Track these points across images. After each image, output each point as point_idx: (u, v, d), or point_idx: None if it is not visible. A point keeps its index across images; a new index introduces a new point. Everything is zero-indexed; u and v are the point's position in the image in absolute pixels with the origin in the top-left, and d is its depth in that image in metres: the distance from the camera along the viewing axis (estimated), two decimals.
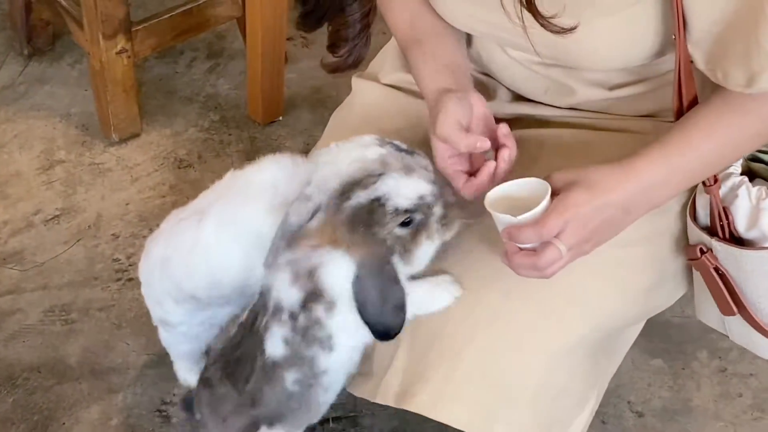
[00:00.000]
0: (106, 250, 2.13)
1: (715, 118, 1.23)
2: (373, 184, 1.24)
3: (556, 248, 1.20)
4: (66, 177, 2.30)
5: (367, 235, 1.24)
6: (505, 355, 1.30)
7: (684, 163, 1.24)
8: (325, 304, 1.28)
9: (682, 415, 1.74)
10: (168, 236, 1.55)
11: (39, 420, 1.82)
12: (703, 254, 1.34)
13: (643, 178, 1.22)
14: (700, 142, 1.23)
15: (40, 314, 2.01)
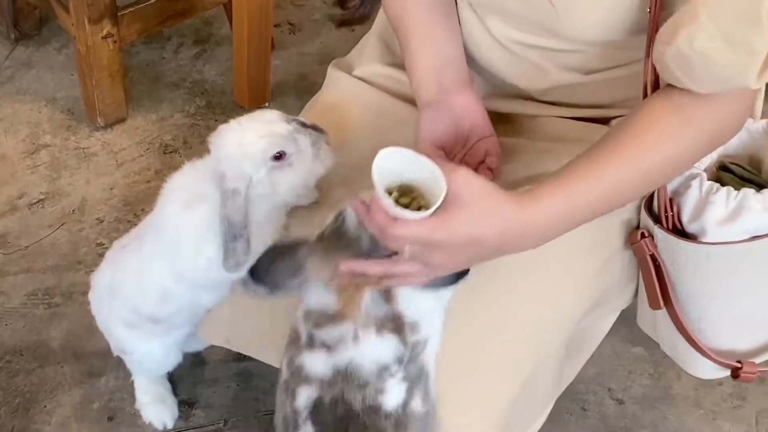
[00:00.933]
0: (91, 234, 2.13)
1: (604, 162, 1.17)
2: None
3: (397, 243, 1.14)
4: (51, 161, 2.30)
5: None
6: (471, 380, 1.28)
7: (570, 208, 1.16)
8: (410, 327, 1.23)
9: (662, 402, 1.75)
10: (113, 264, 1.59)
11: (20, 403, 1.82)
12: (643, 239, 1.34)
13: (528, 222, 1.14)
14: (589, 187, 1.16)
15: (23, 297, 2.00)
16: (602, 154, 1.17)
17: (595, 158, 1.17)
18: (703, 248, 1.30)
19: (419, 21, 1.41)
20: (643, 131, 1.17)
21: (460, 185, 1.10)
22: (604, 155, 1.17)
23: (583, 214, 1.17)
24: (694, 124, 1.17)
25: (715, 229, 1.29)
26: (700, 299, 1.36)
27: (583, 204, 1.16)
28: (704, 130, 1.18)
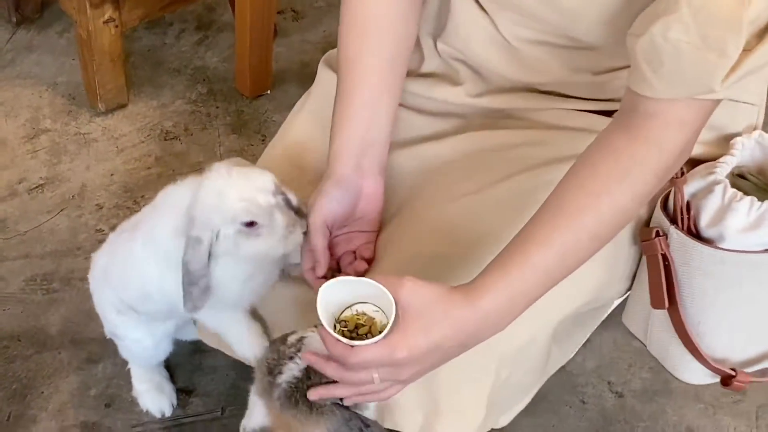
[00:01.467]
0: (90, 220, 2.12)
1: (551, 226, 1.16)
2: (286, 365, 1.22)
3: (369, 374, 1.14)
4: (51, 146, 2.29)
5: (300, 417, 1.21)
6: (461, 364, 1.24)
7: (525, 285, 1.15)
8: None
9: (662, 396, 1.74)
10: (110, 247, 1.58)
11: (17, 388, 1.81)
12: (657, 237, 1.34)
13: (486, 311, 1.13)
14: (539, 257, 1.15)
15: (22, 283, 2.00)
16: (544, 217, 1.16)
17: (537, 229, 1.16)
18: (719, 254, 1.30)
19: (366, 83, 1.37)
20: (590, 181, 1.15)
21: (409, 297, 1.10)
22: (546, 217, 1.16)
23: (538, 289, 1.16)
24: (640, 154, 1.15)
25: (734, 237, 1.30)
26: (704, 303, 1.36)
27: (533, 281, 1.15)
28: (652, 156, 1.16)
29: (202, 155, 2.27)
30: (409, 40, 1.41)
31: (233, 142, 2.31)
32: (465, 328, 1.12)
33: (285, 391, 1.22)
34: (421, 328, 1.10)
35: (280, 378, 1.22)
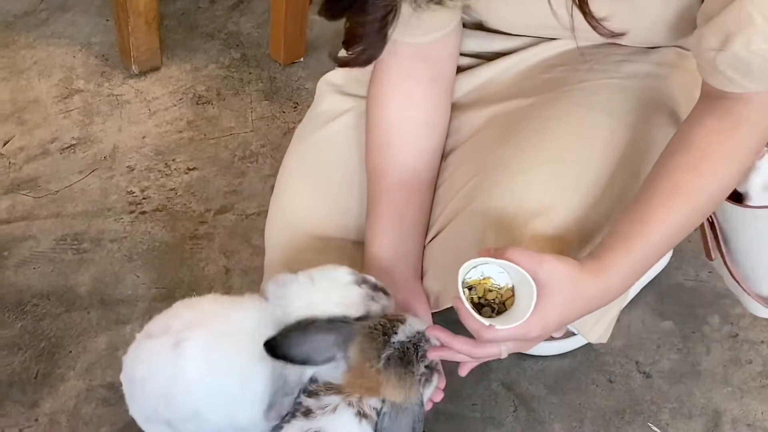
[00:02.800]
0: (121, 182, 2.12)
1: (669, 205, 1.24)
2: (399, 326, 1.28)
3: (498, 349, 1.23)
4: (84, 107, 2.29)
5: (405, 377, 1.27)
6: None
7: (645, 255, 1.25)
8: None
9: (689, 378, 1.73)
10: (141, 355, 1.40)
11: (46, 347, 1.82)
12: None
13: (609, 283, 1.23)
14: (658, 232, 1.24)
15: (52, 242, 2.00)
16: (660, 198, 1.24)
17: (654, 205, 1.24)
18: (749, 210, 1.36)
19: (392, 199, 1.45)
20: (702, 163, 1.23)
21: (547, 275, 1.18)
22: (662, 199, 1.24)
23: (654, 260, 1.27)
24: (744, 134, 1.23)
25: (759, 194, 1.35)
26: (750, 253, 1.44)
27: (652, 255, 1.26)
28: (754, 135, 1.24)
29: (233, 120, 2.27)
30: (435, 145, 1.47)
31: (265, 109, 2.30)
32: (591, 302, 1.23)
33: (397, 350, 1.27)
34: (556, 307, 1.19)
35: (395, 338, 1.27)
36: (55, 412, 1.71)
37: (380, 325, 1.28)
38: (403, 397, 1.27)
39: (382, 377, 1.27)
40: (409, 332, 1.28)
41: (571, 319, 1.25)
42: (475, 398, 1.70)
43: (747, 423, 1.65)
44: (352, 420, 1.27)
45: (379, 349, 1.27)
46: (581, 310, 1.24)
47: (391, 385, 1.27)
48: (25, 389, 1.75)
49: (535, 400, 1.70)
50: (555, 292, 1.19)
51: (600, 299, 1.24)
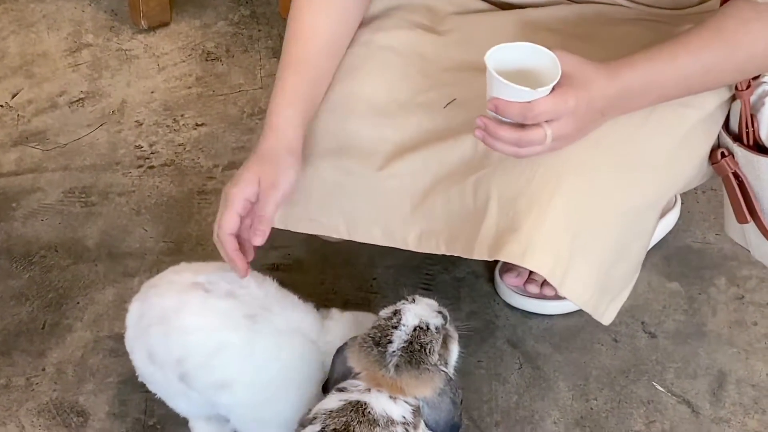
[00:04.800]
0: (129, 136, 2.12)
1: (704, 43, 1.28)
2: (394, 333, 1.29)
3: (543, 132, 1.24)
4: (93, 61, 2.29)
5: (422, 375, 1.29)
6: (588, 208, 1.35)
7: (664, 79, 1.28)
8: None
9: (694, 338, 1.73)
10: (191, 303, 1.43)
11: (53, 298, 1.83)
12: (724, 158, 1.40)
13: (625, 85, 1.27)
14: (685, 63, 1.28)
15: (60, 194, 2.01)
16: (703, 35, 1.27)
17: (691, 40, 1.28)
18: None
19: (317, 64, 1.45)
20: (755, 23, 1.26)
21: (565, 58, 1.23)
22: (705, 36, 1.27)
23: (676, 86, 1.30)
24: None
25: None
26: None
27: (675, 76, 1.28)
28: None
29: (242, 77, 2.27)
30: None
31: (274, 66, 2.29)
32: (606, 92, 1.26)
33: (399, 356, 1.28)
34: (581, 82, 1.24)
35: (391, 347, 1.28)
36: (62, 362, 1.72)
37: (370, 337, 1.30)
38: (430, 391, 1.29)
39: (400, 382, 1.28)
40: (406, 334, 1.29)
41: (594, 107, 1.27)
42: (480, 355, 1.71)
43: (751, 384, 1.66)
44: (387, 399, 1.29)
45: (380, 362, 1.29)
46: (599, 98, 1.26)
47: (413, 385, 1.28)
48: (33, 339, 1.76)
49: (541, 358, 1.71)
50: (576, 70, 1.23)
51: (615, 96, 1.27)
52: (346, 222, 1.48)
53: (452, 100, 1.45)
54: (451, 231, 1.41)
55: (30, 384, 1.69)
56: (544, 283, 1.75)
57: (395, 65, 1.51)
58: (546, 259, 1.33)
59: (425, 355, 1.29)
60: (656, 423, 1.61)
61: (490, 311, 1.78)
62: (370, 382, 1.30)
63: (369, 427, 1.26)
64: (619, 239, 1.40)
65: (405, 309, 1.32)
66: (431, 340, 1.29)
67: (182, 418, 1.57)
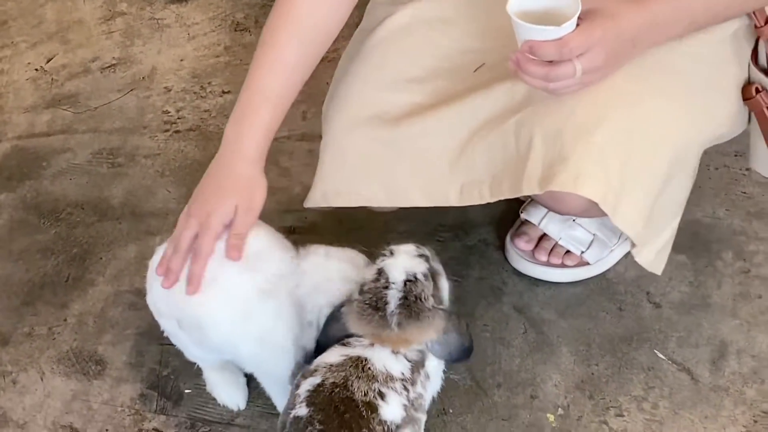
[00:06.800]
0: (157, 101, 2.19)
1: None
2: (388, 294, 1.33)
3: (572, 66, 1.27)
4: (126, 29, 2.35)
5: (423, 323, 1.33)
6: (634, 137, 1.38)
7: (693, 7, 1.32)
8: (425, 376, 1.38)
9: (698, 309, 1.75)
10: None
11: (78, 253, 1.90)
12: (758, 93, 1.43)
13: (654, 15, 1.30)
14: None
15: (89, 155, 2.08)
16: None
17: None
18: None
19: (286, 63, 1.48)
20: None
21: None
22: None
23: (705, 13, 1.33)
24: None
25: None
26: None
27: (704, 2, 1.32)
28: None
29: None
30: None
31: None
32: (635, 21, 1.29)
33: (399, 314, 1.33)
34: (608, 13, 1.27)
35: (389, 308, 1.33)
36: (83, 314, 1.79)
37: (366, 304, 1.34)
38: (435, 333, 1.34)
39: (404, 335, 1.33)
40: (398, 291, 1.33)
41: (624, 38, 1.29)
42: (486, 319, 1.75)
43: (752, 354, 1.68)
44: (388, 354, 1.34)
45: (383, 325, 1.33)
46: (629, 28, 1.29)
47: (417, 334, 1.34)
48: (56, 291, 1.83)
49: (546, 324, 1.74)
50: (604, 9, 1.26)
51: (646, 25, 1.30)
52: (386, 189, 1.52)
53: (481, 65, 1.48)
54: (494, 177, 1.45)
55: (52, 333, 1.76)
56: (552, 251, 1.78)
57: (421, 33, 1.56)
58: (598, 186, 1.36)
59: (422, 303, 1.33)
60: (655, 389, 1.63)
61: (498, 278, 1.82)
62: (375, 340, 1.35)
63: (367, 383, 1.31)
64: (666, 172, 1.43)
65: (387, 266, 1.35)
66: (423, 288, 1.34)
67: (195, 369, 1.63)
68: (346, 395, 1.29)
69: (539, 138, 1.38)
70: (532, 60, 1.28)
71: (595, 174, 1.35)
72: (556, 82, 1.29)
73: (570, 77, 1.28)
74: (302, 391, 1.32)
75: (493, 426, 1.59)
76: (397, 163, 1.51)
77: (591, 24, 1.25)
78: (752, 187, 1.94)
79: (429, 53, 1.54)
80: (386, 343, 1.35)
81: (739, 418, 1.58)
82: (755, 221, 1.88)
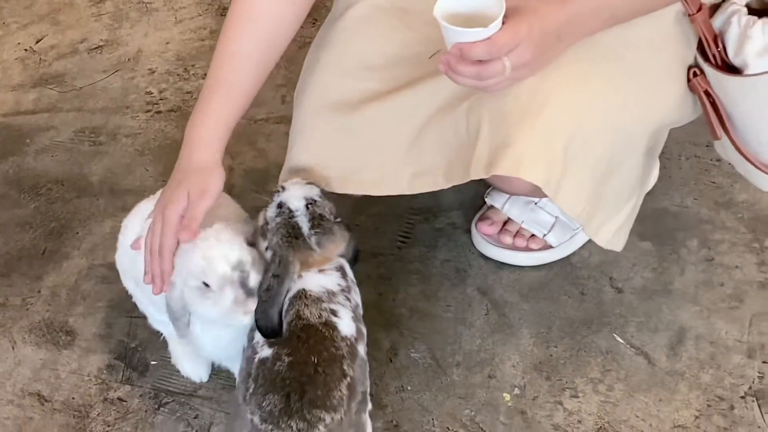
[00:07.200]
0: (141, 83, 2.23)
1: None
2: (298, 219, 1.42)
3: (501, 63, 1.30)
4: (115, 12, 2.39)
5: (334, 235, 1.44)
6: (578, 118, 1.41)
7: (611, 2, 1.36)
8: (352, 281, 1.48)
9: (660, 295, 1.77)
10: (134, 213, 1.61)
11: (55, 227, 1.94)
12: (695, 77, 1.46)
13: (575, 10, 1.33)
14: None
15: (72, 133, 2.12)
16: None
17: None
18: (748, 80, 1.39)
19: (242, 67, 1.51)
20: None
21: None
22: None
23: (623, 6, 1.37)
24: None
25: (755, 61, 1.38)
26: (754, 126, 1.46)
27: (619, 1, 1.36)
28: None
29: None
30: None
31: None
32: (557, 16, 1.33)
33: (315, 233, 1.42)
34: (530, 10, 1.30)
35: (304, 231, 1.42)
36: (57, 286, 1.83)
37: (285, 237, 1.41)
38: (344, 244, 1.46)
39: (325, 252, 1.42)
40: (305, 215, 1.42)
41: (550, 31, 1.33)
42: (450, 300, 1.77)
43: (710, 341, 1.70)
44: (317, 275, 1.43)
45: (307, 247, 1.41)
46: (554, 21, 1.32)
47: (333, 248, 1.44)
48: (32, 263, 1.87)
49: (508, 306, 1.77)
50: (525, 7, 1.29)
51: (567, 20, 1.33)
52: (343, 176, 1.55)
53: (437, 51, 1.51)
54: (449, 163, 1.48)
55: (25, 304, 1.80)
56: (516, 234, 1.81)
57: (381, 21, 1.59)
58: (540, 169, 1.40)
59: (327, 219, 1.43)
60: (612, 372, 1.66)
61: (464, 260, 1.84)
62: (303, 269, 1.42)
63: (317, 306, 1.39)
64: (611, 153, 1.46)
65: (285, 198, 1.44)
66: (324, 205, 1.44)
67: (161, 342, 1.67)
68: (303, 324, 1.37)
69: (486, 123, 1.42)
70: (462, 60, 1.30)
71: (537, 158, 1.38)
72: (488, 80, 1.32)
73: (500, 74, 1.31)
74: (259, 337, 1.37)
75: (450, 403, 1.61)
76: (355, 150, 1.54)
77: (516, 21, 1.28)
78: (722, 178, 1.96)
79: (389, 41, 1.57)
80: (313, 266, 1.42)
81: (693, 401, 1.60)
82: (723, 211, 1.90)
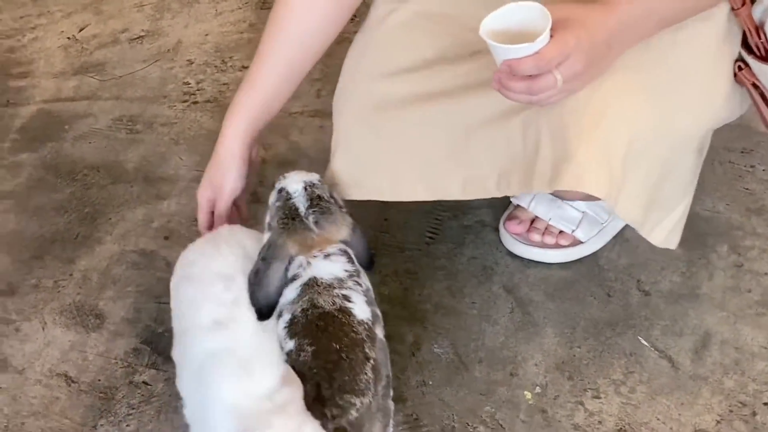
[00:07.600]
0: (179, 73, 2.26)
1: None
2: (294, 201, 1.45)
3: (553, 76, 1.29)
4: (157, 2, 2.43)
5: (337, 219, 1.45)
6: (634, 128, 1.43)
7: (661, 4, 1.35)
8: None
9: (687, 300, 1.76)
10: None
11: (89, 212, 1.97)
12: (741, 70, 1.47)
13: (622, 17, 1.32)
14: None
15: (109, 121, 2.15)
16: None
17: None
18: None
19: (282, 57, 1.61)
20: None
21: (556, 8, 1.28)
22: None
23: (673, 9, 1.37)
24: None
25: None
26: None
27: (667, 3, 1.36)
28: None
29: None
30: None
31: None
32: (606, 25, 1.31)
33: (313, 213, 1.43)
34: (577, 21, 1.29)
35: (301, 210, 1.43)
36: (89, 270, 1.86)
37: (282, 220, 1.44)
38: (347, 230, 1.45)
39: (325, 234, 1.43)
40: (303, 196, 1.44)
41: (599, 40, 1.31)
42: (475, 297, 1.78)
43: (735, 346, 1.68)
44: (324, 262, 1.42)
45: (304, 227, 1.42)
46: (602, 30, 1.31)
47: (334, 231, 1.43)
48: (65, 247, 1.90)
49: (533, 305, 1.77)
50: (570, 13, 1.29)
51: (617, 28, 1.32)
52: (390, 183, 1.58)
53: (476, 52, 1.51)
54: (500, 172, 1.50)
55: (57, 286, 1.83)
56: (545, 232, 1.81)
57: (423, 28, 1.60)
58: (602, 182, 1.42)
59: (327, 201, 1.45)
60: (634, 374, 1.65)
61: (491, 258, 1.85)
62: (304, 251, 1.42)
63: (329, 293, 1.39)
64: (667, 158, 1.48)
65: (285, 184, 1.47)
66: (323, 189, 1.46)
67: None
68: (319, 312, 1.37)
69: (546, 137, 1.43)
70: (513, 77, 1.30)
71: (598, 171, 1.40)
72: (540, 95, 1.32)
73: (552, 88, 1.30)
74: (280, 330, 1.38)
75: (470, 400, 1.62)
76: (400, 155, 1.56)
77: (564, 33, 1.27)
78: (755, 184, 1.95)
79: (431, 47, 1.58)
80: (313, 249, 1.42)
81: (715, 406, 1.59)
82: (754, 217, 1.89)
